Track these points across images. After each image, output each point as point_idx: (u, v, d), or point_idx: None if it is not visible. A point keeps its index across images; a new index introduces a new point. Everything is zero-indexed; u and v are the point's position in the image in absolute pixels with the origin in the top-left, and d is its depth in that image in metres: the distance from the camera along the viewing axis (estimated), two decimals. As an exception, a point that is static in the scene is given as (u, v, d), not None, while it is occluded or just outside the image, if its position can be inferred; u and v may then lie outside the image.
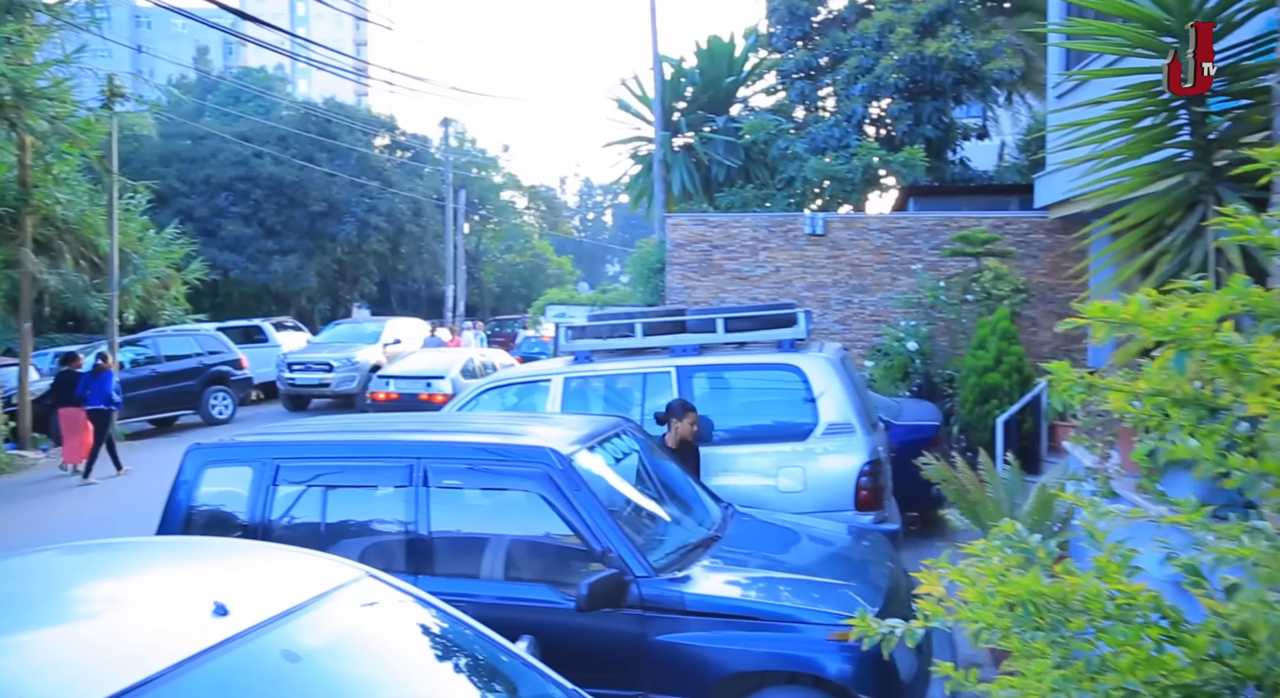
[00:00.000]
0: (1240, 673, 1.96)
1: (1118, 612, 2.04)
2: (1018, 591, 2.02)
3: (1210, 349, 1.58)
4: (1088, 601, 2.03)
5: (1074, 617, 2.06)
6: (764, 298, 12.29)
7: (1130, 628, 1.98)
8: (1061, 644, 1.94)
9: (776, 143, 14.84)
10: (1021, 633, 1.96)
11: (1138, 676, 1.91)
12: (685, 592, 3.66)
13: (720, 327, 6.13)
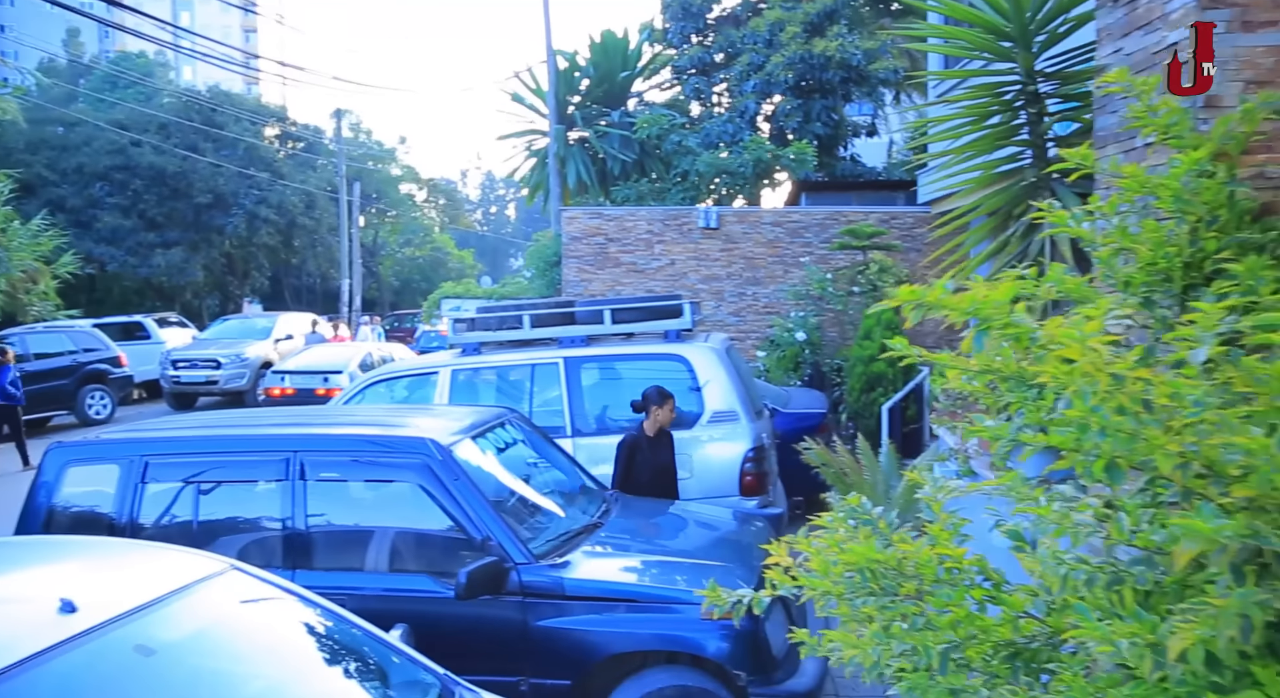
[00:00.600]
0: (1053, 628, 2.14)
1: (946, 576, 2.20)
2: (856, 558, 2.16)
3: (1005, 328, 1.73)
4: (920, 566, 2.19)
5: (906, 582, 2.22)
6: (660, 290, 12.46)
7: (956, 590, 2.14)
8: (891, 608, 2.09)
9: (671, 137, 15.03)
10: (853, 599, 2.11)
11: (959, 633, 2.07)
12: (565, 577, 3.73)
13: (608, 318, 6.22)
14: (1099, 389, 1.64)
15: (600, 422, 6.04)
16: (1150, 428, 1.54)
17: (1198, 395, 1.47)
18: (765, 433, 6.14)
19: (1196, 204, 2.28)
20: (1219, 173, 2.34)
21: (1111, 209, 2.35)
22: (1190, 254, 2.29)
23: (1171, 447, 1.51)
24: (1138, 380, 1.67)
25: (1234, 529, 1.39)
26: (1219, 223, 2.31)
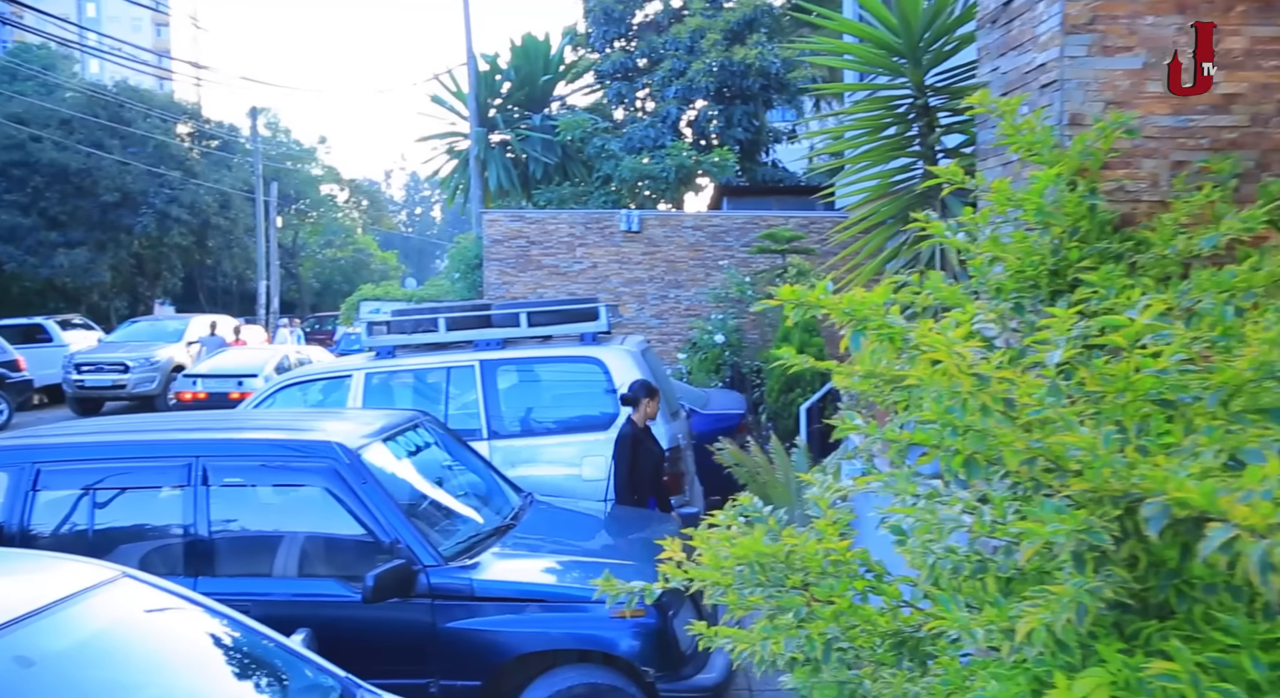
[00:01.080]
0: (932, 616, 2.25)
1: (832, 569, 2.31)
2: (744, 551, 2.25)
3: (880, 329, 1.84)
4: (806, 559, 2.29)
5: (793, 574, 2.31)
6: (582, 293, 12.50)
7: (840, 582, 2.25)
8: (776, 597, 2.19)
9: (593, 141, 15.09)
10: (741, 590, 2.19)
11: (840, 623, 2.18)
12: (474, 578, 3.74)
13: (524, 321, 6.24)
14: (962, 389, 1.76)
15: (517, 424, 6.06)
16: (1000, 426, 1.66)
17: (1039, 395, 1.58)
18: (681, 434, 6.24)
19: (1059, 216, 2.45)
20: (1080, 187, 2.51)
21: (984, 220, 2.49)
22: (1054, 262, 2.45)
23: (1018, 444, 1.63)
24: (1002, 381, 1.79)
25: (1069, 526, 1.51)
26: (1080, 233, 2.48)
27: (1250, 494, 1.17)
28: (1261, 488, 1.17)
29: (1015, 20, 2.93)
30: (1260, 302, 1.87)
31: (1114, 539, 1.55)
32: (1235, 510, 1.15)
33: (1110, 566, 1.63)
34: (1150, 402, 1.65)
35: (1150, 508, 1.29)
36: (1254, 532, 1.12)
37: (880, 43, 4.03)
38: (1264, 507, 1.13)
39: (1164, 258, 2.33)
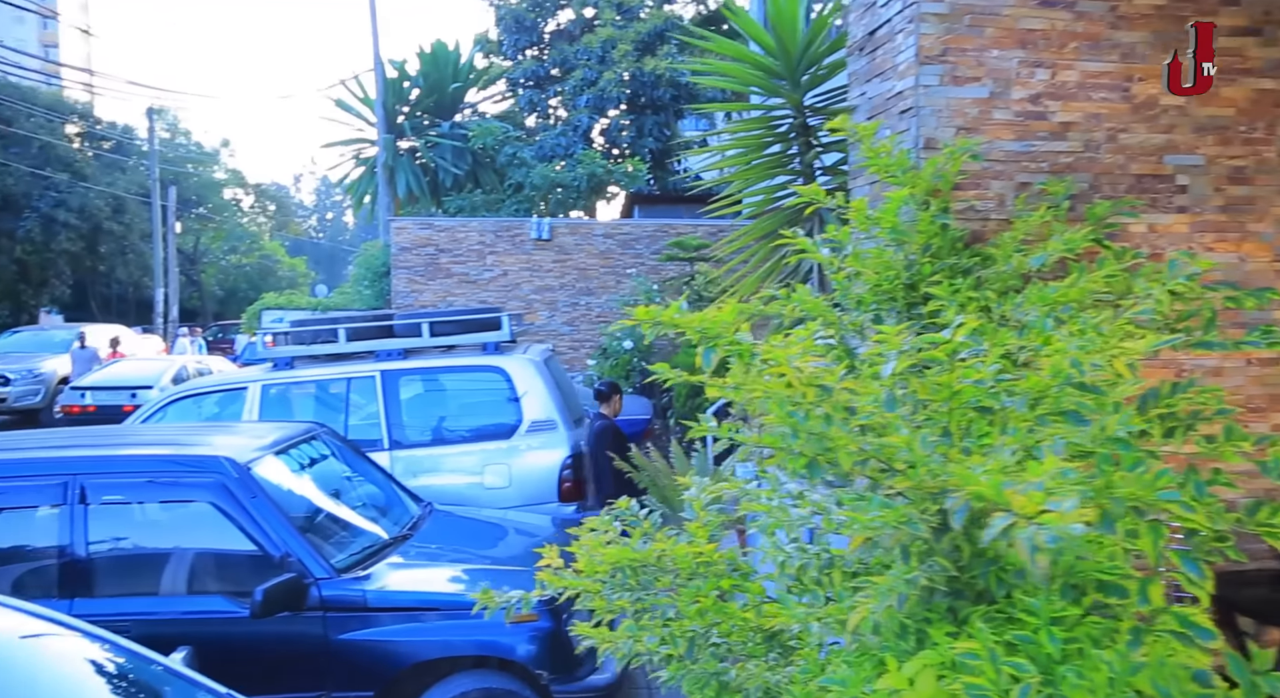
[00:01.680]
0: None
1: (701, 569, 2.42)
2: (615, 556, 2.35)
3: (730, 345, 1.96)
4: (677, 561, 2.39)
5: (664, 576, 2.42)
6: (493, 301, 12.48)
7: (706, 582, 2.36)
8: (643, 600, 2.29)
9: (504, 149, 15.08)
10: (610, 594, 2.29)
11: (704, 621, 2.29)
12: (368, 590, 3.74)
13: (426, 331, 6.24)
14: (803, 400, 1.89)
15: (419, 434, 6.05)
16: (837, 430, 1.79)
17: (863, 402, 1.72)
18: (583, 440, 6.31)
19: (913, 233, 2.62)
20: (933, 206, 2.69)
21: (846, 237, 2.65)
22: (909, 277, 2.63)
23: (852, 446, 1.77)
24: (844, 391, 1.93)
25: (890, 518, 1.65)
26: (933, 249, 2.66)
27: (1028, 486, 1.32)
28: (1037, 481, 1.32)
29: (879, 49, 3.11)
30: (1075, 314, 2.06)
31: (935, 531, 1.70)
32: (1015, 501, 1.29)
33: (935, 556, 1.78)
34: (971, 408, 1.81)
35: (953, 502, 1.43)
36: (1028, 518, 1.27)
37: (760, 65, 4.21)
38: (1036, 497, 1.28)
39: (1004, 273, 2.53)
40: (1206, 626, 1.55)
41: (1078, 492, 1.33)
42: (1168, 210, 3.01)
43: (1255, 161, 3.07)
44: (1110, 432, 1.56)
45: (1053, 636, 1.61)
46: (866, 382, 1.94)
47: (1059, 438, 1.55)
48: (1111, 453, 1.54)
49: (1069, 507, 1.22)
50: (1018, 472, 1.42)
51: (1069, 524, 1.21)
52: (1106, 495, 1.49)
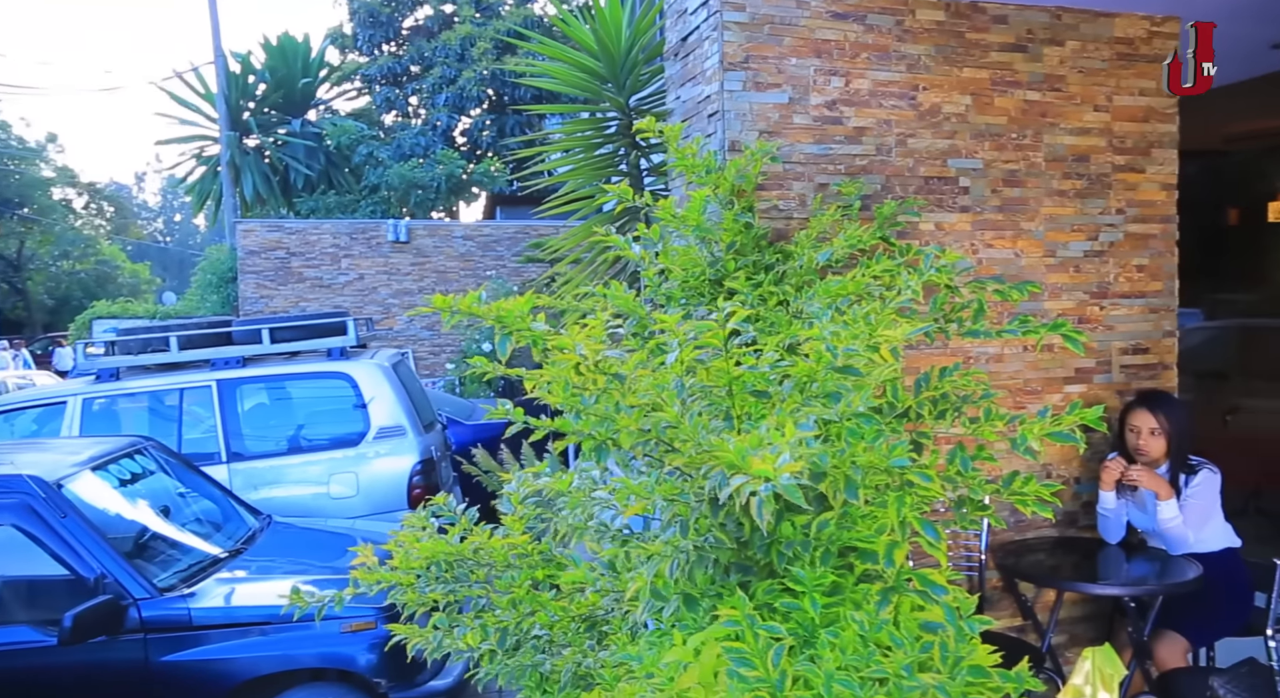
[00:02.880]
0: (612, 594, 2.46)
1: (518, 562, 2.47)
2: (428, 552, 2.37)
3: (524, 333, 2.02)
4: (492, 554, 2.44)
5: (479, 569, 2.46)
6: (349, 306, 12.13)
7: (521, 573, 2.42)
8: (456, 592, 2.33)
9: (360, 149, 14.66)
10: (422, 588, 2.31)
11: (518, 612, 2.35)
12: (193, 607, 3.61)
13: (266, 338, 6.03)
14: (592, 386, 1.98)
15: (260, 445, 5.84)
16: (622, 413, 1.89)
17: (640, 385, 1.82)
18: (435, 446, 6.25)
19: (717, 232, 2.76)
20: (736, 206, 2.83)
21: (656, 235, 2.76)
22: (714, 273, 2.76)
23: (632, 426, 1.86)
24: (637, 378, 2.02)
25: (665, 491, 1.75)
26: (737, 247, 2.80)
27: (768, 451, 1.44)
28: (774, 446, 1.44)
29: (690, 55, 3.25)
30: (852, 305, 2.22)
31: (713, 505, 1.81)
32: (754, 465, 1.41)
33: (714, 530, 1.91)
34: (749, 393, 1.94)
35: (706, 469, 1.54)
36: (762, 479, 1.39)
37: (587, 69, 4.31)
38: (770, 459, 1.40)
39: (800, 269, 2.69)
40: (941, 583, 1.72)
41: (805, 454, 1.47)
42: (952, 210, 3.27)
43: (1026, 166, 3.37)
44: (855, 408, 1.70)
45: (814, 601, 1.75)
46: (655, 368, 2.05)
47: (812, 415, 1.68)
48: (857, 426, 1.68)
49: (782, 460, 1.34)
50: (765, 442, 1.54)
51: (781, 476, 1.34)
52: (848, 464, 1.64)
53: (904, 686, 1.47)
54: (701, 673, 1.78)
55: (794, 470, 1.34)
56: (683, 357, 2.00)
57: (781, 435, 1.54)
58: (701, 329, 1.88)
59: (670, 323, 1.93)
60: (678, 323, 1.94)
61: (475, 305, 2.03)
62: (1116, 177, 3.52)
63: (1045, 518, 3.52)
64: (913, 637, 1.62)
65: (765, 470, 1.39)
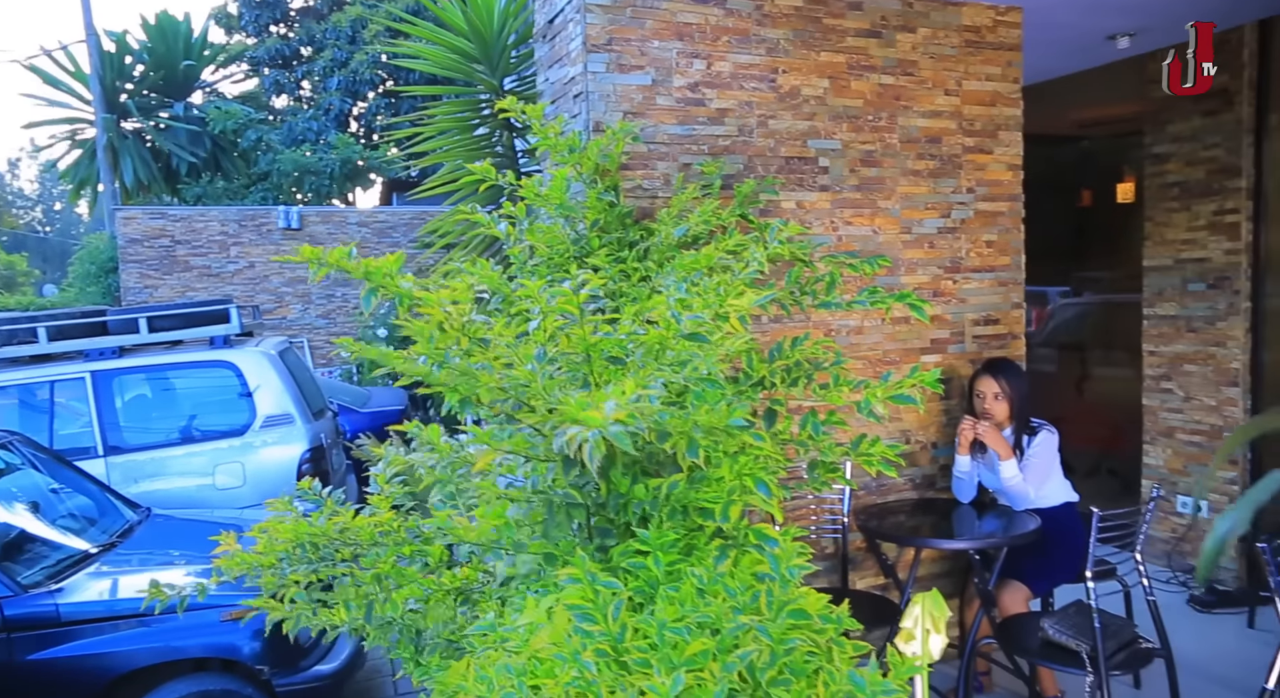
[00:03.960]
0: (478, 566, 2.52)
1: (385, 539, 2.50)
2: (291, 533, 2.38)
3: (392, 290, 2.05)
4: (359, 533, 2.46)
5: (345, 548, 2.48)
6: (239, 295, 11.75)
7: (388, 550, 2.45)
8: (319, 571, 2.35)
9: (248, 133, 14.15)
10: (283, 568, 2.32)
11: (384, 587, 2.38)
12: (61, 603, 3.51)
13: (143, 327, 5.83)
14: (457, 346, 2.04)
15: (139, 437, 5.67)
16: (483, 371, 1.95)
17: (499, 347, 1.89)
18: (325, 433, 6.17)
19: (579, 209, 2.83)
20: (600, 185, 2.90)
21: (522, 214, 2.80)
22: (578, 250, 2.83)
23: (491, 382, 1.93)
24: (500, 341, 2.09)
25: (515, 444, 1.83)
26: (601, 224, 2.88)
27: (606, 406, 1.53)
28: (610, 401, 1.53)
29: (557, 37, 3.29)
30: (704, 277, 2.33)
31: (566, 463, 1.89)
32: (589, 417, 1.49)
33: (569, 489, 1.99)
34: (605, 360, 2.02)
35: (550, 426, 1.61)
36: (593, 428, 1.48)
37: (460, 51, 4.31)
38: (603, 410, 1.49)
39: (662, 245, 2.78)
40: (773, 536, 1.84)
41: (644, 410, 1.56)
42: (812, 189, 3.42)
43: (882, 147, 3.55)
44: (699, 373, 1.80)
45: (658, 559, 1.84)
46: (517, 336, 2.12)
47: (660, 379, 1.78)
48: (701, 390, 1.78)
49: (609, 409, 1.43)
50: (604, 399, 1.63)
51: (610, 426, 1.42)
52: (690, 425, 1.73)
53: (727, 629, 1.57)
54: (554, 633, 1.86)
55: (620, 418, 1.43)
56: (545, 325, 2.08)
57: (623, 393, 1.63)
58: (557, 295, 1.95)
59: (533, 290, 1.99)
60: (539, 290, 2.01)
61: (344, 260, 2.06)
62: (966, 157, 3.73)
63: (906, 482, 3.74)
64: (745, 587, 1.73)
65: (595, 419, 1.47)
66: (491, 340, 2.07)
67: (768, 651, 1.54)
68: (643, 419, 1.63)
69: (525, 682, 1.68)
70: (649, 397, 1.67)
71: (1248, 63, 4.39)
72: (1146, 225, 4.97)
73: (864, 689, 1.31)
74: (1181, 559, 4.79)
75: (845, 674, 1.37)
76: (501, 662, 1.85)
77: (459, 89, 4.73)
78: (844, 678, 1.49)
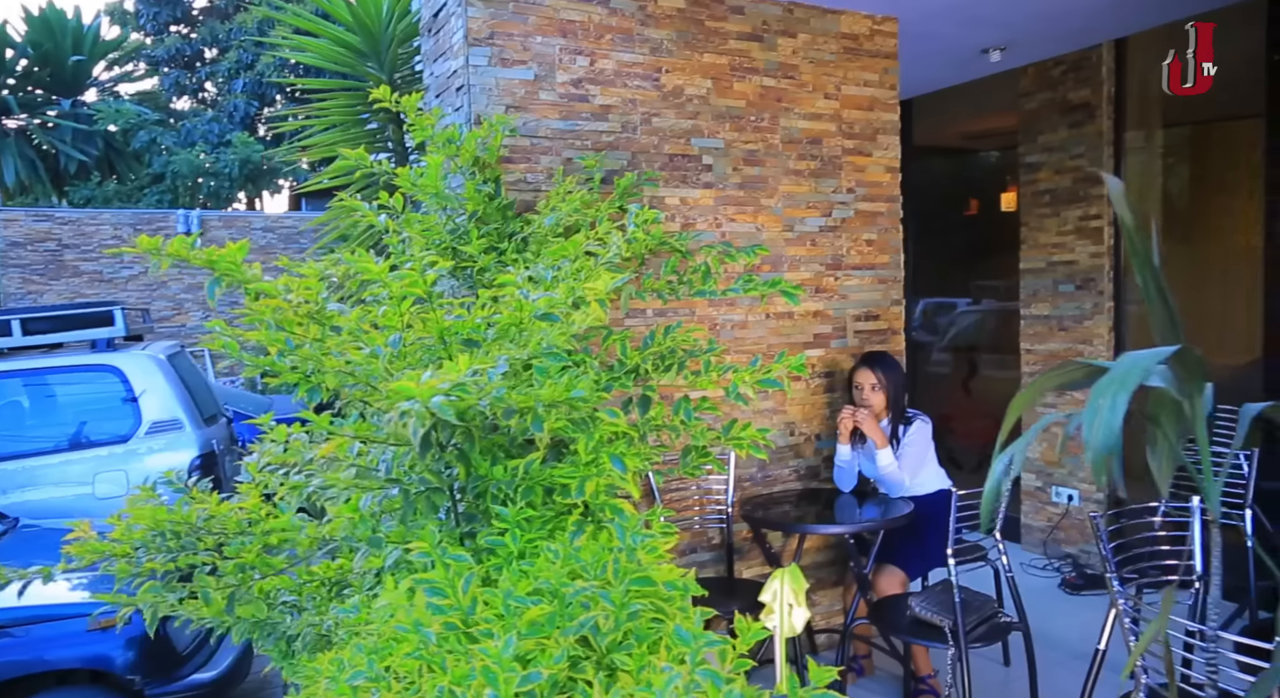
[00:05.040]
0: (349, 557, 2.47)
1: (251, 528, 2.44)
2: (152, 519, 2.31)
3: (237, 278, 2.02)
4: (224, 522, 2.40)
5: (208, 537, 2.42)
6: (134, 302, 11.28)
7: (254, 539, 2.39)
8: (178, 561, 2.28)
9: (140, 134, 13.62)
10: (139, 557, 2.25)
11: (246, 577, 2.33)
12: (-90, 617, 3.31)
13: (17, 329, 5.57)
14: (306, 333, 2.02)
15: (10, 445, 5.39)
16: (329, 355, 1.94)
17: (348, 329, 1.88)
18: (218, 440, 5.98)
19: (455, 200, 2.83)
20: (478, 176, 2.91)
21: (400, 204, 2.79)
22: (454, 241, 2.83)
23: (336, 366, 1.91)
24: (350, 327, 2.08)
25: (359, 429, 1.82)
26: (480, 216, 2.88)
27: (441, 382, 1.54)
28: (447, 378, 1.54)
29: (441, 31, 3.29)
30: (571, 264, 2.36)
31: (423, 447, 1.89)
32: (410, 388, 1.50)
33: (424, 472, 1.99)
34: (460, 343, 2.03)
35: (387, 402, 1.62)
36: (420, 402, 1.49)
37: (347, 44, 4.27)
38: (431, 384, 1.50)
39: (538, 236, 2.80)
40: (625, 510, 1.88)
41: (483, 384, 1.57)
42: (696, 186, 3.50)
43: (764, 147, 3.65)
44: (542, 348, 1.83)
45: (515, 536, 1.86)
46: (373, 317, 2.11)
47: (503, 355, 1.80)
48: (543, 364, 1.81)
49: (425, 377, 1.44)
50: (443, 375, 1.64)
51: (433, 399, 1.44)
52: (533, 400, 1.75)
53: (566, 596, 1.59)
54: (417, 613, 1.86)
55: (435, 387, 1.45)
56: (401, 309, 2.07)
57: (457, 369, 1.65)
58: (402, 276, 1.96)
59: (378, 272, 1.99)
60: (387, 273, 2.01)
61: (184, 249, 2.02)
62: (846, 159, 3.87)
63: (791, 473, 3.83)
64: (596, 559, 1.76)
65: (412, 389, 1.49)
66: (345, 328, 2.06)
67: (611, 617, 1.57)
68: (478, 394, 1.66)
69: (376, 660, 1.67)
70: (488, 372, 1.69)
71: (1106, 79, 4.67)
72: (1023, 231, 5.22)
73: (689, 643, 1.35)
74: (1056, 547, 5.03)
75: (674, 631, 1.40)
76: (354, 642, 1.83)
77: (349, 83, 4.68)
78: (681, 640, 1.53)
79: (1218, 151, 4.66)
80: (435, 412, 1.46)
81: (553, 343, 1.84)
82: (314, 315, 2.08)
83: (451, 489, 2.16)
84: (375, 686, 1.61)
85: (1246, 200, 4.35)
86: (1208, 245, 4.66)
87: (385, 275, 2.00)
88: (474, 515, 2.18)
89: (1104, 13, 4.09)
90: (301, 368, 1.92)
